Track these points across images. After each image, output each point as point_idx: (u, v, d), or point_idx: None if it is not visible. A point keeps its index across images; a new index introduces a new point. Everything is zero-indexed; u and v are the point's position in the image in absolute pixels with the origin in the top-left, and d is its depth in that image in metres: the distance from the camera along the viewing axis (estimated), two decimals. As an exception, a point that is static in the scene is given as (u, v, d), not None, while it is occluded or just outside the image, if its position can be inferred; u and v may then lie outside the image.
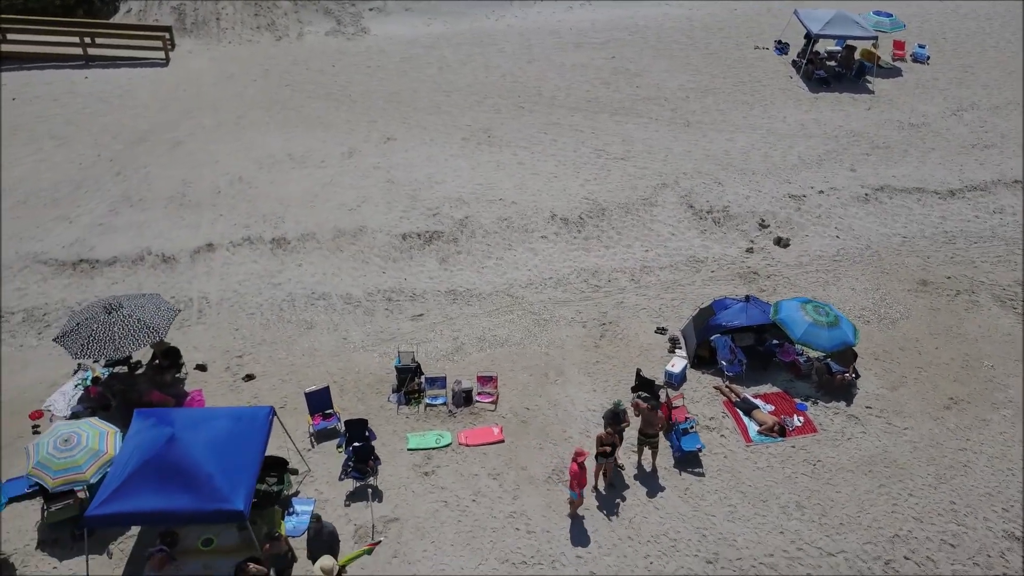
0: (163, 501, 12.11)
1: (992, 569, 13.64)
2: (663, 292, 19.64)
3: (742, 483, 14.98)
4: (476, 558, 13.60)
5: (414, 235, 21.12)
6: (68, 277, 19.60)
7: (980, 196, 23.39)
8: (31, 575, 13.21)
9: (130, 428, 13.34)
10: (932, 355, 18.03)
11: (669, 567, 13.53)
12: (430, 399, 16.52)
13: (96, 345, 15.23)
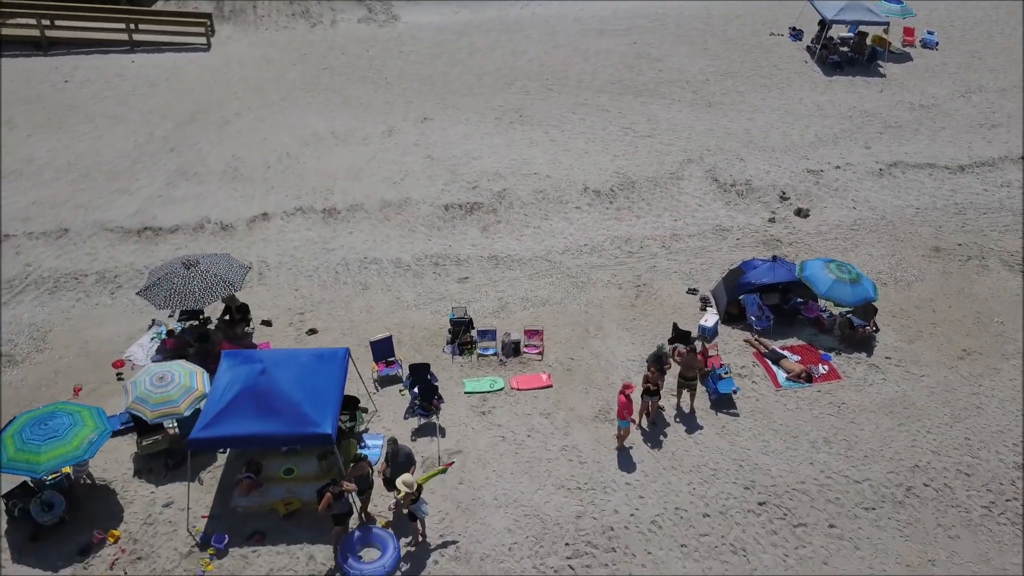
0: (258, 426, 13.51)
1: (1004, 495, 15.04)
2: (692, 257, 21.03)
3: (774, 422, 16.39)
4: (534, 484, 15.01)
5: (455, 206, 22.51)
6: (134, 243, 20.99)
7: (988, 171, 24.79)
8: (131, 498, 14.59)
9: (220, 366, 14.73)
10: (945, 313, 19.43)
11: (710, 492, 14.94)
12: (482, 350, 17.91)
13: (177, 297, 16.61)
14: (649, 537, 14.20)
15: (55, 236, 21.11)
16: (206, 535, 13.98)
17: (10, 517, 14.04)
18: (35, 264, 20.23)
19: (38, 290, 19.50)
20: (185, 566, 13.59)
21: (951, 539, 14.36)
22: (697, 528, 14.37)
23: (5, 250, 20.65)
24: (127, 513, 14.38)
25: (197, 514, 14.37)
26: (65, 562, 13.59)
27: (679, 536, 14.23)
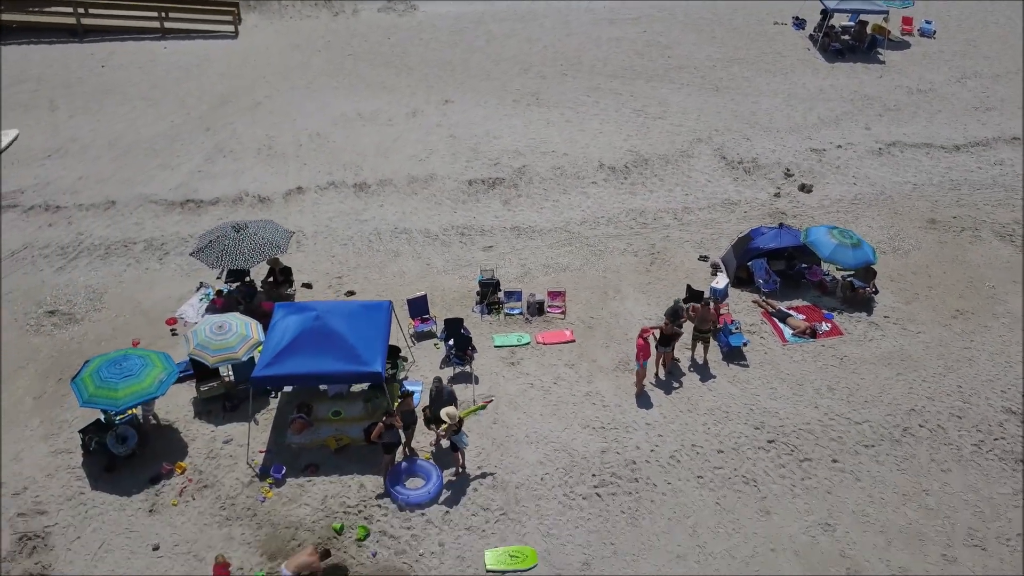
0: (315, 365, 14.94)
1: (992, 435, 16.50)
2: (703, 228, 22.47)
3: (781, 372, 17.84)
4: (562, 424, 16.46)
5: (478, 181, 23.94)
6: (178, 214, 22.42)
7: (982, 151, 26.23)
8: (193, 436, 16.03)
9: (275, 315, 16.16)
10: (940, 278, 20.87)
11: (724, 431, 16.39)
12: (508, 309, 19.35)
13: (228, 257, 18.05)
14: (668, 469, 15.64)
15: (103, 208, 22.53)
16: (264, 467, 15.41)
17: (85, 451, 15.45)
18: (86, 233, 21.64)
19: (91, 256, 20.92)
20: (247, 493, 15.02)
21: (943, 472, 15.81)
22: (712, 462, 15.82)
23: (57, 220, 22.05)
24: (191, 449, 15.81)
25: (255, 450, 15.81)
26: (138, 489, 15.02)
27: (695, 469, 15.67)
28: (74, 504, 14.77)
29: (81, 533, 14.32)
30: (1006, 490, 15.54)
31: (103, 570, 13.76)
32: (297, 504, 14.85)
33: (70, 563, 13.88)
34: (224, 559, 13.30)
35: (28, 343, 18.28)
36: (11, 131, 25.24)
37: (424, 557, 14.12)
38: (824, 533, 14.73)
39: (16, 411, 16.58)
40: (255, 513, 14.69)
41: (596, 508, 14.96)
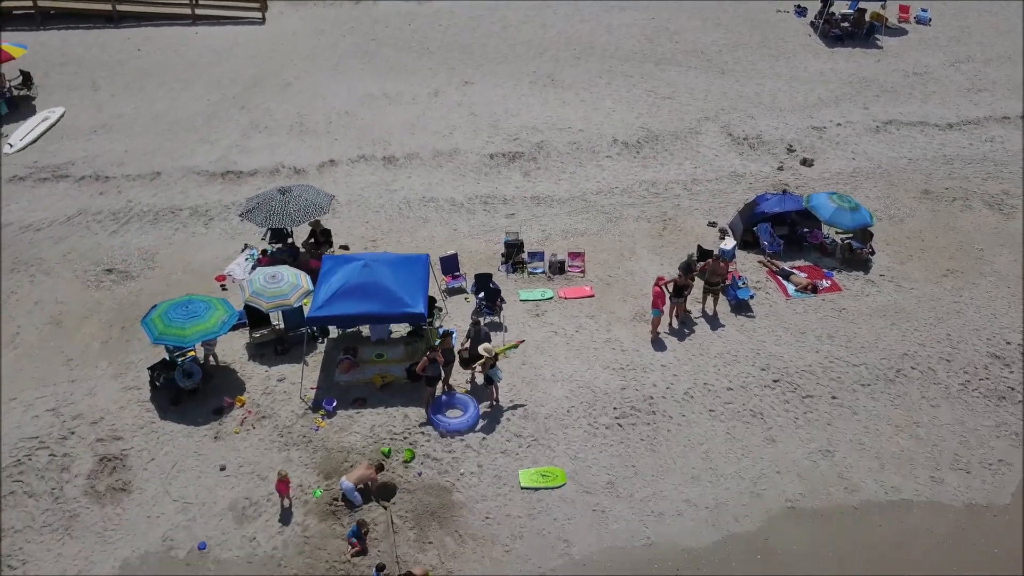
0: (364, 306, 16.63)
1: (977, 375, 18.18)
2: (711, 198, 24.13)
3: (784, 322, 19.51)
4: (584, 365, 18.14)
5: (499, 155, 25.59)
6: (219, 184, 24.07)
7: (974, 128, 27.89)
8: (249, 375, 17.70)
9: (324, 266, 17.85)
10: (933, 242, 22.54)
11: (732, 372, 18.07)
12: (532, 269, 21.01)
13: (276, 217, 19.70)
14: (683, 404, 17.32)
15: (149, 178, 24.18)
16: (316, 400, 17.09)
17: (153, 387, 17.12)
18: (135, 200, 23.29)
19: (140, 221, 22.57)
20: (302, 423, 16.69)
21: (933, 407, 17.49)
22: (722, 398, 17.50)
23: (107, 189, 23.70)
24: (248, 386, 17.48)
25: (306, 387, 17.47)
26: (203, 420, 16.69)
27: (707, 403, 17.36)
28: (146, 432, 16.43)
29: (155, 456, 15.98)
30: (989, 423, 17.21)
31: (177, 487, 15.42)
32: (348, 432, 16.51)
33: (147, 480, 15.54)
34: (285, 474, 14.94)
35: (90, 297, 19.93)
36: (58, 108, 26.87)
37: (464, 476, 15.79)
38: (824, 458, 16.41)
39: (85, 355, 18.24)
40: (310, 440, 16.35)
41: (618, 436, 16.63)
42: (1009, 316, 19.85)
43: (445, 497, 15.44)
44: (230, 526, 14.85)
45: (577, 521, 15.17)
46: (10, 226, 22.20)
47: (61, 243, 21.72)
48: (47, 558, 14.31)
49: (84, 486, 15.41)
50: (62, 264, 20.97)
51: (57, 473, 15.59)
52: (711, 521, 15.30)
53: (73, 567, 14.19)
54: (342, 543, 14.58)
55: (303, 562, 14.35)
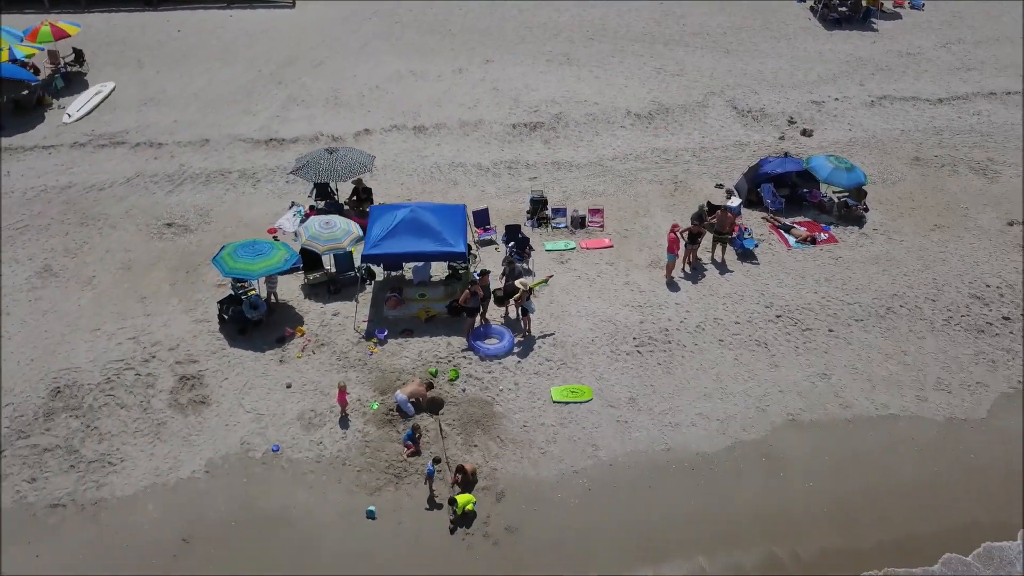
0: (412, 245, 18.83)
1: (959, 312, 20.38)
2: (718, 163, 26.32)
3: (786, 268, 21.72)
4: (606, 303, 20.33)
5: (521, 125, 27.80)
6: (264, 150, 26.25)
7: (962, 103, 30.12)
8: (306, 311, 19.89)
9: (372, 214, 20.05)
10: (922, 201, 24.74)
11: (739, 309, 20.27)
12: (555, 223, 23.19)
13: (325, 174, 21.90)
14: (695, 335, 19.52)
15: (199, 145, 26.36)
16: (369, 331, 19.27)
17: (221, 320, 19.29)
18: (187, 164, 25.47)
19: (194, 183, 24.75)
20: (357, 350, 18.88)
21: (919, 339, 19.69)
22: (730, 330, 19.70)
23: (161, 155, 25.88)
24: (306, 319, 19.67)
25: (359, 320, 19.66)
26: (268, 347, 18.87)
27: (717, 334, 19.56)
28: (219, 356, 18.62)
29: (228, 376, 18.17)
30: (969, 351, 19.42)
31: (249, 401, 17.60)
32: (398, 357, 18.71)
33: (222, 396, 17.72)
34: (344, 385, 17.11)
35: (154, 246, 22.11)
36: (109, 83, 29.05)
37: (503, 392, 17.98)
38: (822, 380, 18.61)
39: (156, 294, 20.42)
40: (365, 363, 18.55)
41: (637, 361, 18.84)
42: (989, 264, 22.05)
43: (487, 409, 17.62)
44: (299, 432, 17.03)
45: (603, 430, 17.35)
46: (75, 186, 24.37)
47: (123, 201, 23.88)
48: (141, 457, 16.48)
49: (168, 399, 17.58)
50: (126, 219, 23.13)
51: (143, 389, 17.77)
52: (721, 431, 17.48)
53: (164, 464, 16.36)
54: (398, 446, 16.75)
55: (365, 461, 16.52)
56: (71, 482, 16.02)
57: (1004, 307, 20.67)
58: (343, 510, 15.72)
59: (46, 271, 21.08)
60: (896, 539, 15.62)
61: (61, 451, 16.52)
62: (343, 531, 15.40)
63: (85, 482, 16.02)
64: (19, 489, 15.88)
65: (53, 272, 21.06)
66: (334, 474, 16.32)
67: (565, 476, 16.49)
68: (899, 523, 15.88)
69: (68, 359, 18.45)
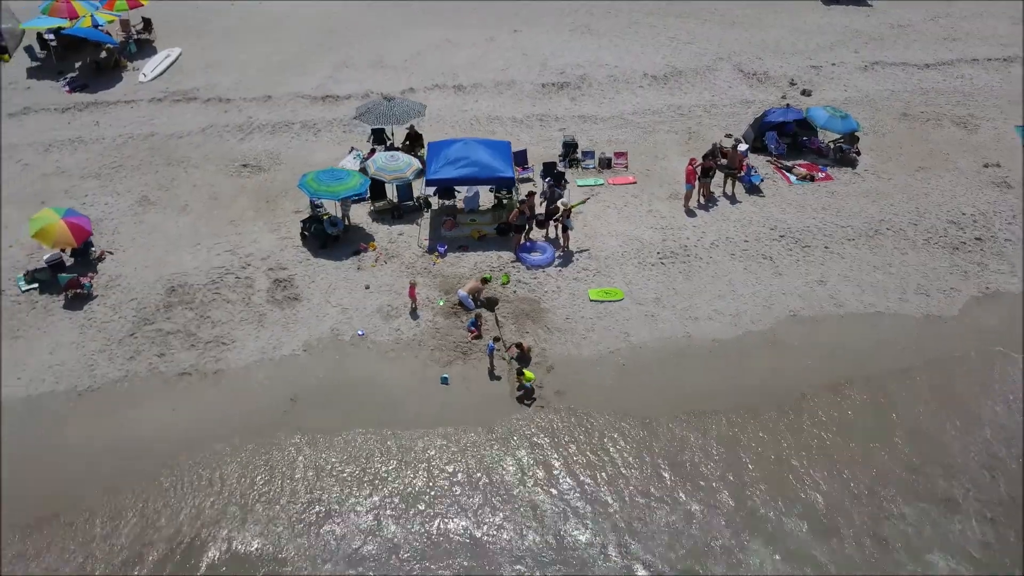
0: (467, 171, 22.37)
1: (937, 233, 23.92)
2: (727, 118, 29.84)
3: (788, 199, 25.25)
4: (632, 225, 23.86)
5: (550, 84, 31.32)
6: (321, 105, 29.76)
7: (948, 68, 33.62)
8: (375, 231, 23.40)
9: (429, 149, 23.58)
10: (908, 149, 28.26)
11: (747, 230, 23.79)
12: (585, 165, 26.71)
13: (384, 118, 25.43)
14: (710, 250, 23.06)
15: (263, 100, 29.87)
16: (431, 246, 22.79)
17: (303, 237, 22.79)
18: (254, 117, 28.96)
19: (261, 132, 28.24)
20: (422, 261, 22.40)
21: (902, 254, 23.22)
22: (740, 247, 23.23)
23: (230, 109, 29.37)
24: (376, 237, 23.17)
25: (421, 239, 23.17)
26: (346, 258, 22.38)
27: (729, 249, 23.09)
28: (304, 264, 22.14)
29: (314, 279, 21.68)
30: (945, 264, 22.94)
31: (335, 298, 21.11)
32: (457, 266, 22.23)
33: (312, 294, 21.24)
34: (415, 282, 20.63)
35: (235, 182, 25.60)
36: (176, 49, 32.56)
37: (548, 294, 21.49)
38: (819, 285, 22.13)
39: (243, 218, 23.92)
40: (430, 270, 22.07)
41: (660, 270, 22.37)
42: (966, 197, 25.59)
43: (535, 305, 21.14)
44: (379, 322, 20.54)
45: (633, 322, 20.87)
46: (157, 135, 27.88)
47: (201, 147, 27.38)
48: (248, 339, 19.99)
49: (266, 296, 21.10)
50: (205, 161, 26.64)
51: (244, 289, 21.28)
52: (733, 323, 21.00)
53: (269, 344, 19.86)
54: (463, 331, 20.27)
55: (436, 343, 20.03)
56: (193, 357, 19.51)
57: (976, 231, 24.20)
58: (422, 378, 19.23)
59: (144, 200, 24.58)
60: (877, 398, 19.14)
61: (181, 334, 20.02)
62: (423, 393, 18.90)
63: (204, 357, 19.51)
64: (151, 362, 19.37)
65: (151, 201, 24.56)
66: (411, 352, 19.83)
67: (602, 355, 20.00)
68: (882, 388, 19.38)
69: (177, 266, 21.96)
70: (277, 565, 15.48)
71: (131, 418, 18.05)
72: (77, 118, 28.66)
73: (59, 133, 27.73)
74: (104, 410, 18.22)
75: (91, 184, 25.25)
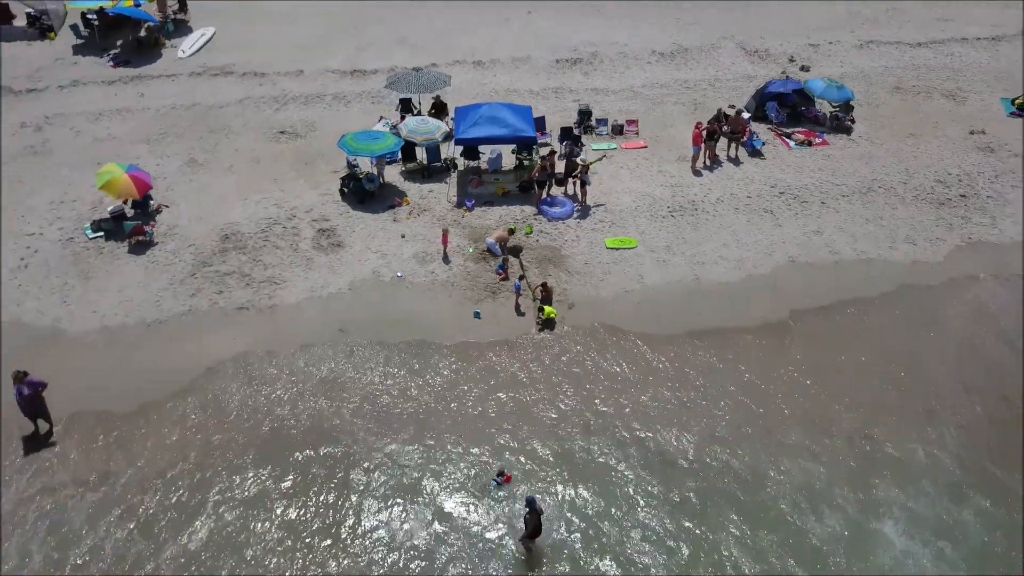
0: (492, 131, 24.62)
1: (924, 190, 26.12)
2: (730, 91, 32.04)
3: (787, 162, 27.47)
4: (644, 184, 26.06)
5: (563, 60, 33.53)
6: (350, 79, 31.96)
7: (939, 46, 35.86)
8: (407, 189, 25.60)
9: (457, 113, 25.78)
10: (900, 119, 30.47)
11: (750, 188, 26.00)
12: (599, 131, 28.93)
13: (413, 87, 27.66)
14: (716, 205, 25.27)
15: (295, 74, 32.06)
16: (459, 201, 24.99)
17: (342, 193, 24.99)
18: (288, 90, 31.16)
19: (296, 103, 30.44)
20: (452, 214, 24.60)
21: (892, 209, 25.44)
22: (743, 202, 25.45)
23: (265, 82, 31.57)
24: (409, 193, 25.37)
25: (449, 195, 25.38)
26: (382, 211, 24.58)
27: (733, 204, 25.31)
28: (344, 216, 24.35)
29: (355, 229, 23.89)
30: (931, 218, 25.16)
31: (374, 246, 23.32)
32: (484, 218, 24.44)
33: (353, 242, 23.44)
34: (447, 229, 22.82)
35: (274, 147, 27.79)
36: (210, 28, 34.76)
37: (568, 242, 23.70)
38: (815, 235, 24.35)
39: (285, 177, 26.11)
40: (459, 222, 24.27)
41: (671, 222, 24.58)
42: (952, 160, 27.81)
43: (556, 252, 23.35)
44: (415, 266, 22.74)
45: (647, 266, 23.08)
46: (199, 105, 30.07)
47: (240, 116, 29.57)
48: (298, 280, 22.19)
49: (311, 243, 23.31)
50: (245, 129, 28.83)
51: (291, 237, 23.50)
52: (737, 268, 23.20)
53: (317, 284, 22.06)
54: (492, 274, 22.46)
55: (468, 284, 22.23)
56: (249, 294, 21.71)
57: (961, 189, 26.42)
58: (456, 313, 21.44)
59: (192, 162, 26.77)
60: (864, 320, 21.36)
61: (237, 275, 22.23)
62: (457, 325, 21.10)
63: (259, 295, 21.72)
64: (211, 298, 21.57)
65: (198, 163, 26.76)
66: (445, 291, 22.05)
67: (619, 295, 22.21)
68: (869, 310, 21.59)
69: (227, 218, 24.18)
70: (337, 434, 17.72)
71: (196, 345, 20.22)
72: (122, 91, 30.83)
73: (107, 103, 29.92)
74: (171, 338, 20.40)
75: (141, 149, 27.41)
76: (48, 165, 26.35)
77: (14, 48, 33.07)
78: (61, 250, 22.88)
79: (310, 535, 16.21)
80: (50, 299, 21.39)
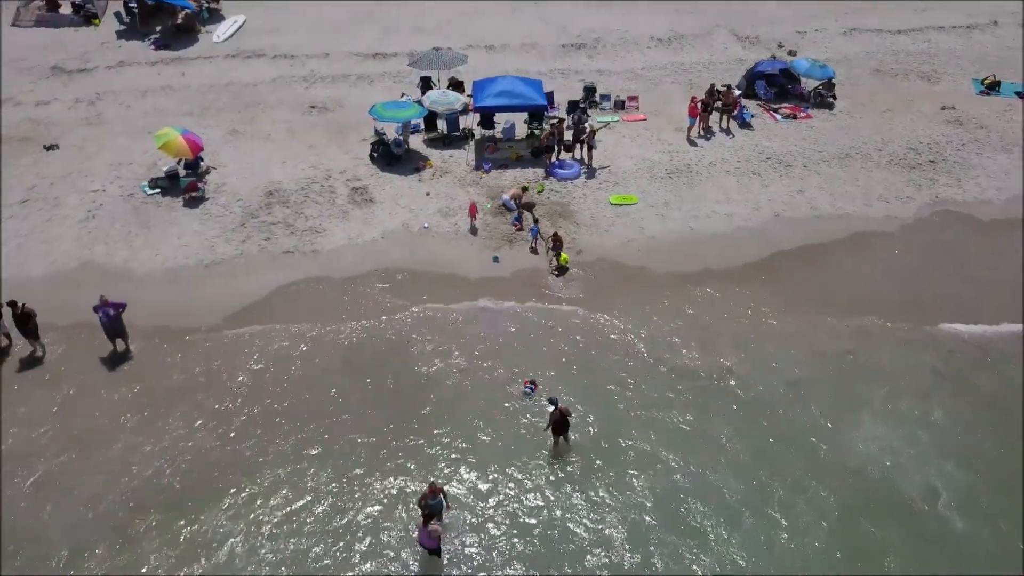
0: (507, 100, 27.58)
1: (899, 157, 29.07)
2: (723, 73, 34.98)
3: (774, 132, 30.43)
4: (644, 150, 29.01)
5: (569, 45, 36.52)
6: (372, 61, 34.91)
7: (917, 34, 38.88)
8: (429, 154, 28.52)
9: (475, 86, 28.73)
10: (879, 97, 33.44)
11: (740, 154, 28.95)
12: (602, 106, 31.89)
13: (435, 63, 30.60)
14: (709, 168, 28.21)
15: (322, 57, 35.01)
16: (477, 164, 27.91)
17: (371, 158, 27.90)
18: (316, 70, 34.10)
19: (323, 82, 33.37)
20: (471, 176, 27.52)
21: (867, 172, 28.38)
22: (734, 165, 28.40)
23: (294, 63, 34.50)
24: (432, 158, 28.28)
25: (468, 159, 28.30)
26: (409, 173, 27.49)
27: (725, 167, 28.25)
28: (375, 177, 27.25)
29: (385, 188, 26.79)
30: (903, 180, 28.11)
31: (403, 202, 26.21)
32: (500, 179, 27.36)
33: (384, 198, 26.34)
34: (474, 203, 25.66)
35: (307, 119, 30.72)
36: (241, 16, 37.71)
37: (576, 199, 26.62)
38: (799, 195, 27.27)
39: (319, 144, 29.02)
40: (477, 182, 27.19)
41: (669, 182, 27.52)
42: (924, 131, 30.77)
43: (565, 207, 26.26)
44: (440, 219, 25.63)
45: (647, 219, 25.98)
46: (235, 84, 32.99)
47: (273, 93, 32.50)
48: (337, 229, 25.06)
49: (347, 199, 26.21)
50: (279, 104, 31.75)
51: (328, 194, 26.39)
52: (728, 221, 26.10)
53: (353, 233, 24.94)
54: (508, 225, 25.35)
55: (488, 233, 25.12)
56: (293, 240, 24.59)
57: (931, 155, 29.37)
58: (478, 259, 24.31)
59: (234, 132, 29.68)
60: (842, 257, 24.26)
61: (281, 224, 25.11)
62: (479, 268, 23.98)
63: (303, 241, 24.59)
64: (260, 244, 24.43)
65: (239, 132, 29.66)
66: (467, 240, 24.94)
67: (622, 243, 25.10)
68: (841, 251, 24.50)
69: (270, 177, 27.07)
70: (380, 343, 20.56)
71: (248, 282, 23.07)
72: (164, 71, 33.75)
73: (151, 82, 32.84)
74: (227, 276, 23.25)
75: (186, 120, 30.26)
76: (104, 133, 29.25)
77: (62, 34, 36.01)
78: (123, 204, 25.74)
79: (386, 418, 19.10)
80: (116, 244, 24.24)
